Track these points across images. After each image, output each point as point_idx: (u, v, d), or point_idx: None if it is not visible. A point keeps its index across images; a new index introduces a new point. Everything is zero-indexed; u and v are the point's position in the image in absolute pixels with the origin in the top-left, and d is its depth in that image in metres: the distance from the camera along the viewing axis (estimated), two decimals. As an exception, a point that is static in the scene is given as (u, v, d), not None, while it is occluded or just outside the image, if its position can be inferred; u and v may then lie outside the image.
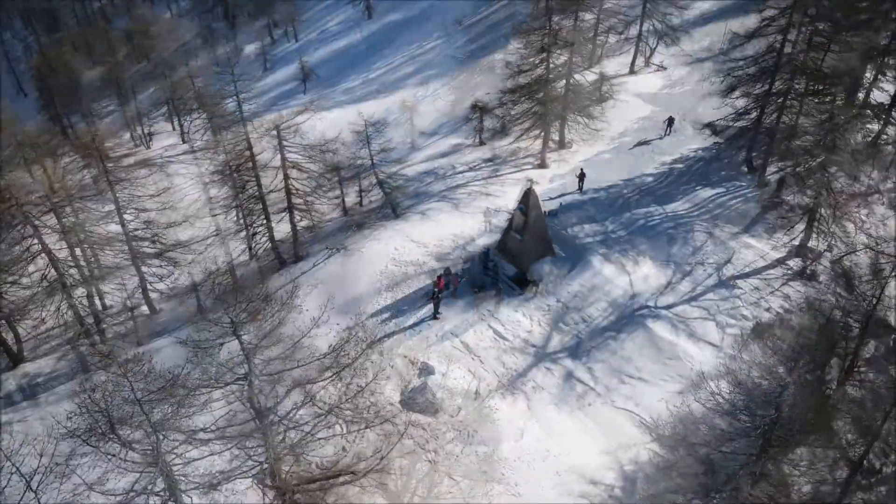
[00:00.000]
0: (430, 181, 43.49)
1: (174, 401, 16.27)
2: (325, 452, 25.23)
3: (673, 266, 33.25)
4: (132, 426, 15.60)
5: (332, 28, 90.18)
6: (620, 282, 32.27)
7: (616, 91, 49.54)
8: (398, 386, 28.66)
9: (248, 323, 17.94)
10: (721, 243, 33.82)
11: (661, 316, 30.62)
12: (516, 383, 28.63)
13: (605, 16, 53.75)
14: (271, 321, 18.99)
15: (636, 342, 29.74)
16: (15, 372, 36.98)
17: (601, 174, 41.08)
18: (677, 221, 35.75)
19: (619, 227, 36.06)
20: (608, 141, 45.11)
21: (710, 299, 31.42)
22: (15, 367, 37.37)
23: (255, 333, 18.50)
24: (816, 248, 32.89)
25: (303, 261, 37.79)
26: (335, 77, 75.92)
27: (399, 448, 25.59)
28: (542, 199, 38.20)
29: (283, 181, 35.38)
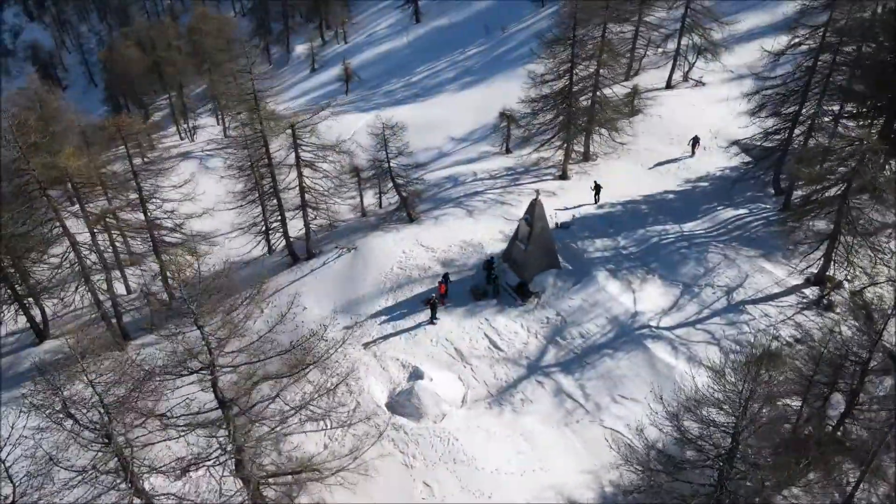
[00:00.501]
0: (449, 187, 43.60)
1: (131, 384, 16.84)
2: (304, 448, 25.64)
3: (681, 286, 32.36)
4: (87, 406, 16.22)
5: (381, 31, 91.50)
6: (624, 299, 31.59)
7: (648, 105, 48.61)
8: (387, 388, 28.82)
9: (209, 314, 18.37)
10: (735, 266, 32.71)
11: (661, 337, 29.82)
12: (505, 395, 28.37)
13: (645, 28, 52.91)
14: (239, 314, 19.37)
15: (633, 362, 29.04)
16: (38, 348, 38.92)
17: (622, 188, 40.33)
18: (692, 241, 34.78)
19: (632, 243, 35.32)
20: (634, 155, 44.25)
21: (716, 323, 30.41)
22: (40, 343, 39.36)
23: (217, 325, 18.95)
24: (836, 277, 31.50)
25: (314, 258, 38.42)
26: (378, 80, 76.99)
27: (377, 450, 25.72)
28: (557, 210, 38.02)
29: (297, 179, 36.05)
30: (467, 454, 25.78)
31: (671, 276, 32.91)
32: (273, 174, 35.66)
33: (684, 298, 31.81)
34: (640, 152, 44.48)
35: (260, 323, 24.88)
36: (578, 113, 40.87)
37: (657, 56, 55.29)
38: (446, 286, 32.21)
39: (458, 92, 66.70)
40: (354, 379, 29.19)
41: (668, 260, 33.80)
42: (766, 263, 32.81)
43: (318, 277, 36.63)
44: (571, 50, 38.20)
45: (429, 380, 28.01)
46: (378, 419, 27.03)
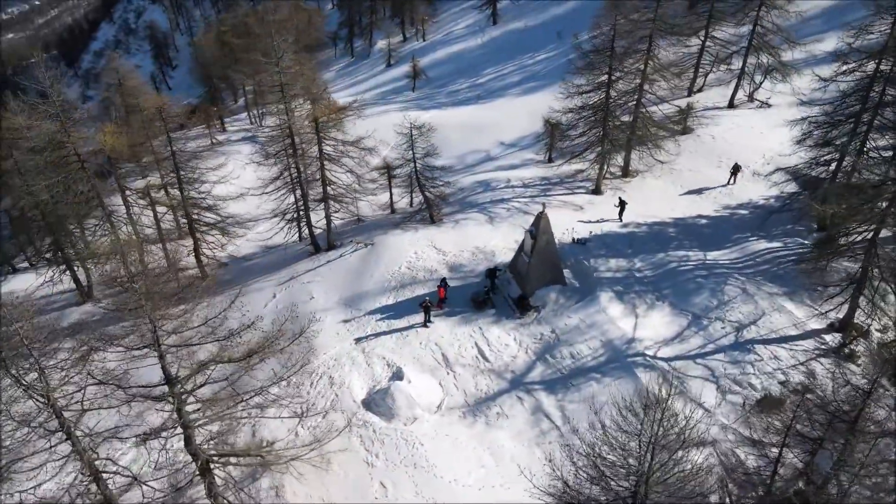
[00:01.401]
0: (479, 191, 43.39)
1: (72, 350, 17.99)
2: (276, 435, 26.45)
3: (690, 317, 30.81)
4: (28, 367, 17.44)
5: (458, 31, 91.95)
6: (623, 324, 30.44)
7: (703, 124, 46.49)
8: (367, 385, 29.14)
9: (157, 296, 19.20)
10: (752, 301, 30.79)
11: (655, 367, 28.52)
12: (482, 406, 28.03)
13: (713, 43, 50.49)
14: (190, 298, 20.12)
15: (619, 389, 27.77)
16: (78, 308, 41.98)
17: (654, 208, 38.86)
18: (713, 270, 33.01)
19: (648, 266, 33.95)
20: (675, 175, 42.40)
21: (719, 360, 28.75)
22: (82, 304, 42.45)
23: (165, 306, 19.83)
24: (863, 325, 29.09)
25: (333, 250, 39.30)
26: (445, 79, 77.48)
27: (341, 444, 26.09)
28: (580, 223, 37.13)
29: (320, 171, 36.93)
30: (429, 461, 25.71)
31: (681, 305, 31.40)
32: (298, 165, 36.71)
33: (690, 330, 30.27)
34: (683, 173, 42.57)
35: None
36: (616, 128, 39.58)
37: (724, 73, 52.58)
38: (445, 290, 32.14)
39: (519, 96, 66.14)
40: (338, 372, 29.80)
41: (681, 288, 32.26)
42: (788, 303, 30.67)
43: (332, 269, 37.48)
44: (609, 62, 37.03)
45: (407, 382, 28.09)
46: (351, 414, 27.37)
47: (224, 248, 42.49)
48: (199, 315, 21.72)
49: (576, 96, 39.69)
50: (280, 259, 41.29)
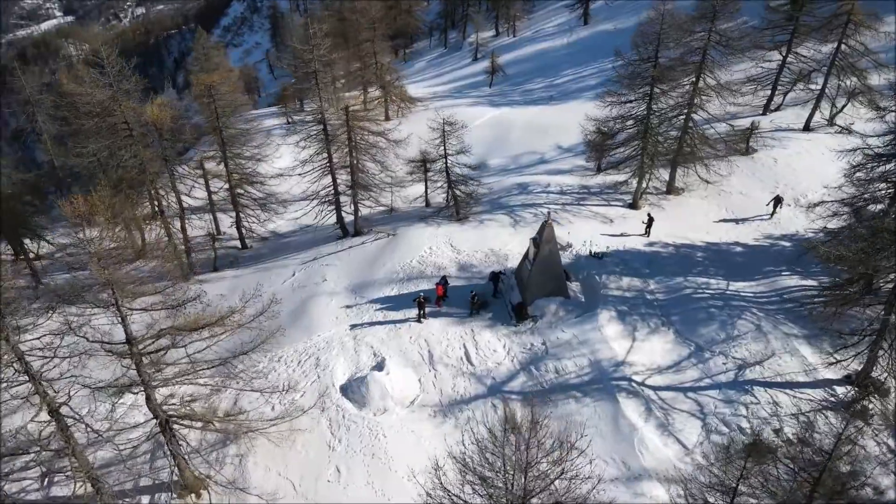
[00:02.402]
0: (514, 193, 42.83)
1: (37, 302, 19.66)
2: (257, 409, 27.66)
3: (693, 347, 29.23)
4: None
5: (548, 29, 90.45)
6: (617, 346, 29.30)
7: (769, 145, 43.57)
8: (349, 371, 29.78)
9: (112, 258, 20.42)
10: (763, 340, 28.77)
11: (639, 395, 27.33)
12: (454, 408, 27.96)
13: (794, 59, 47.06)
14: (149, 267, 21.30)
15: (597, 412, 27.02)
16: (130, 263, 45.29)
17: (688, 229, 36.98)
18: (730, 302, 31.09)
19: (662, 289, 32.43)
20: (723, 198, 39.99)
21: (711, 396, 27.15)
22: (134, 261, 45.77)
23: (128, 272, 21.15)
24: (882, 381, 26.54)
25: (359, 236, 40.21)
26: (523, 77, 76.57)
27: (308, 423, 26.94)
28: (603, 238, 36.04)
29: (349, 158, 37.76)
30: (388, 453, 26.03)
31: (686, 334, 29.84)
32: (329, 151, 37.75)
33: (689, 361, 28.74)
34: (732, 195, 40.09)
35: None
36: (658, 142, 37.85)
37: (804, 93, 48.83)
38: (445, 288, 32.20)
39: (592, 100, 64.12)
40: (326, 355, 30.65)
41: (691, 316, 30.62)
42: (804, 346, 28.41)
43: (351, 255, 38.42)
44: (653, 71, 35.44)
45: (385, 373, 28.48)
46: (325, 397, 28.15)
47: (264, 225, 44.43)
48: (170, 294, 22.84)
49: (616, 106, 38.18)
50: (311, 240, 42.74)
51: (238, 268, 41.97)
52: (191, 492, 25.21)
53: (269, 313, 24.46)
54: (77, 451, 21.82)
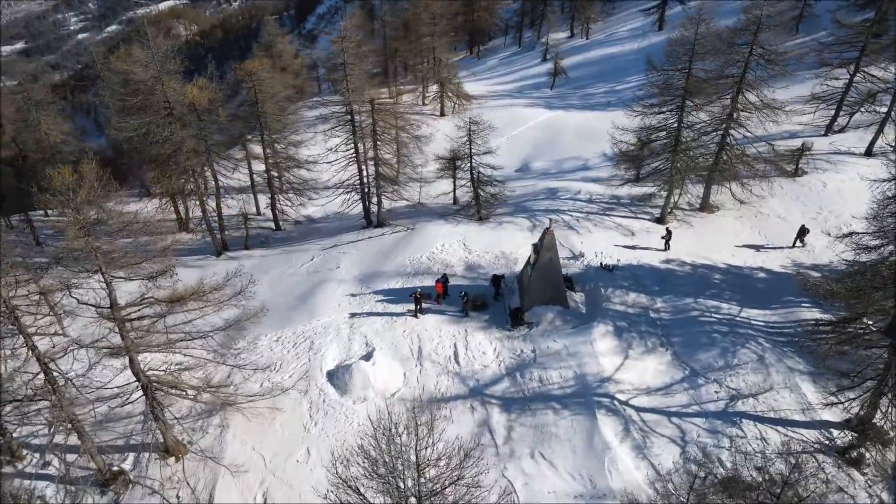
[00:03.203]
0: (541, 198, 42.35)
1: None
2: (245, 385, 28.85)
3: (688, 371, 28.15)
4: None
5: (621, 34, 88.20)
6: (606, 361, 28.58)
7: (822, 169, 41.12)
8: (339, 357, 30.46)
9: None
10: (763, 372, 27.37)
11: (620, 414, 26.60)
12: (432, 405, 28.03)
13: (863, 78, 44.08)
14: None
15: (573, 425, 26.50)
16: (174, 235, 47.93)
17: (712, 249, 35.47)
18: (737, 328, 29.70)
19: (669, 308, 31.33)
20: (759, 221, 38.05)
21: (696, 425, 26.08)
22: (178, 233, 48.43)
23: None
24: (883, 429, 24.74)
25: (380, 227, 40.89)
26: (585, 80, 75.12)
27: (290, 404, 27.83)
28: (620, 250, 35.21)
29: (373, 149, 38.37)
30: (355, 444, 26.49)
31: (684, 357, 28.75)
32: (356, 143, 38.54)
33: (680, 385, 27.70)
34: (770, 218, 38.10)
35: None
36: (689, 157, 36.45)
37: (870, 115, 45.61)
38: (445, 286, 32.35)
39: (649, 109, 62.48)
40: (321, 340, 31.50)
41: (693, 339, 29.46)
42: (806, 383, 26.81)
43: (368, 245, 39.17)
44: (685, 82, 34.19)
45: (371, 364, 28.96)
46: (307, 379, 28.99)
47: (298, 209, 45.89)
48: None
49: (647, 116, 37.01)
50: (338, 227, 43.84)
51: (266, 248, 43.60)
52: (171, 455, 26.59)
53: (246, 293, 25.32)
54: (64, 404, 23.47)
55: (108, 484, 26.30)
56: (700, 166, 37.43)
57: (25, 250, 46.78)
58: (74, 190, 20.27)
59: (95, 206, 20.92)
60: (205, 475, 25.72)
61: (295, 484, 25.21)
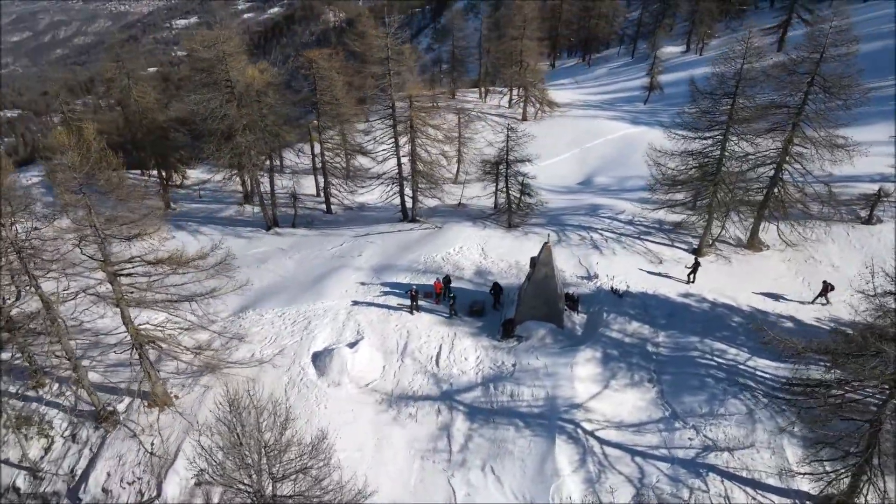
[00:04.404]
0: (580, 213, 41.13)
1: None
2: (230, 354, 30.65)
3: (668, 412, 26.60)
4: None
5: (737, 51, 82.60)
6: (582, 387, 27.55)
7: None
8: (328, 341, 31.47)
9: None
10: (749, 427, 25.35)
11: (580, 442, 25.64)
12: (401, 402, 28.44)
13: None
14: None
15: (530, 446, 25.88)
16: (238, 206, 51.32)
17: (739, 289, 33.03)
18: (736, 377, 27.62)
19: (670, 344, 29.65)
20: (809, 267, 34.85)
21: (659, 469, 24.66)
22: (241, 205, 51.70)
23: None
24: (865, 513, 22.22)
25: (411, 223, 41.54)
26: (683, 98, 71.10)
27: (271, 379, 29.22)
28: (640, 275, 33.78)
29: (410, 144, 38.93)
30: (319, 423, 27.33)
31: (669, 397, 27.18)
32: (396, 138, 39.34)
33: (655, 425, 26.24)
34: (820, 266, 34.85)
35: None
36: (732, 189, 34.10)
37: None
38: (443, 287, 32.47)
39: (740, 134, 58.53)
40: (317, 322, 32.69)
41: (683, 380, 27.75)
42: (793, 447, 24.53)
43: (395, 238, 39.96)
44: (730, 109, 32.03)
45: (353, 351, 29.74)
46: (298, 360, 30.23)
47: (348, 195, 47.54)
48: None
49: (687, 140, 34.95)
50: (377, 217, 45.04)
51: (309, 228, 45.62)
52: (157, 406, 28.82)
53: (223, 266, 26.84)
54: (63, 338, 26.18)
55: (101, 421, 29.01)
56: (745, 200, 34.88)
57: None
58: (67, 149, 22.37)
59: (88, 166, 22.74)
60: (178, 429, 27.66)
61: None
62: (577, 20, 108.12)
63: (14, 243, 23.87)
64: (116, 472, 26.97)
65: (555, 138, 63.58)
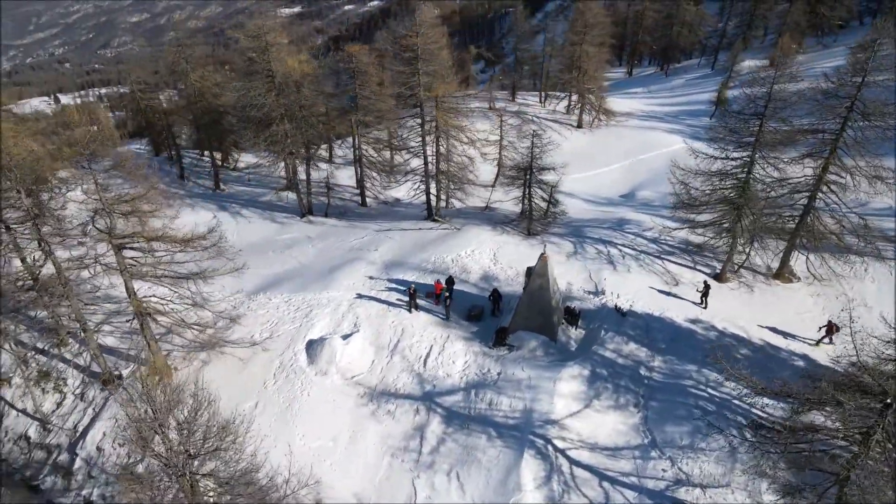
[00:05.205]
0: (604, 226, 39.98)
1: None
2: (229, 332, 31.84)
3: (647, 439, 25.70)
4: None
5: (825, 67, 77.72)
6: (561, 404, 26.92)
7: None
8: (324, 330, 32.10)
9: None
10: (728, 466, 24.16)
11: (548, 459, 25.13)
12: (381, 398, 28.73)
13: None
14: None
15: (498, 457, 25.62)
16: (282, 192, 52.93)
17: (754, 321, 31.34)
18: (725, 412, 26.30)
19: (665, 370, 28.53)
20: (841, 303, 32.60)
21: (625, 496, 23.91)
22: (284, 190, 53.30)
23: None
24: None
25: (432, 222, 41.70)
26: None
27: (263, 359, 30.19)
28: (650, 294, 32.71)
29: (435, 143, 39.00)
30: (299, 410, 28.11)
31: (650, 424, 26.23)
32: (423, 136, 39.54)
33: (631, 451, 25.40)
34: (851, 304, 32.48)
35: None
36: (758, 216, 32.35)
37: None
38: (447, 288, 32.48)
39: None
40: (319, 311, 33.44)
41: (669, 409, 26.67)
42: (771, 494, 23.13)
43: (415, 235, 40.24)
44: (758, 132, 30.41)
45: (344, 343, 30.26)
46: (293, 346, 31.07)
47: (382, 189, 48.23)
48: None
49: (713, 160, 33.34)
50: (405, 214, 45.47)
51: (341, 219, 46.62)
52: (157, 375, 30.30)
53: (216, 249, 27.87)
54: (73, 301, 28.02)
55: (107, 383, 30.86)
56: (772, 227, 33.03)
57: (168, 182, 55.00)
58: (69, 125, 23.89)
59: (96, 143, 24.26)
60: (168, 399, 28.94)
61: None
62: (660, 27, 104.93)
63: (29, 210, 25.76)
64: (111, 433, 28.61)
65: (607, 148, 62.18)
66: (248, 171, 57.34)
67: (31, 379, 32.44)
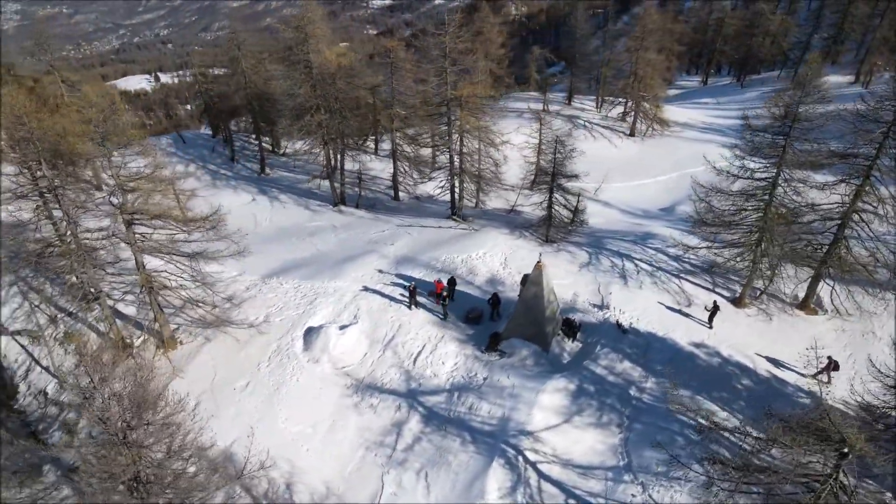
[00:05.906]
0: (626, 238, 38.82)
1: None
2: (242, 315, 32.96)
3: (623, 462, 24.96)
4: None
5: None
6: (539, 416, 26.44)
7: None
8: (325, 318, 32.71)
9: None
10: (699, 500, 23.14)
11: (517, 470, 24.78)
12: (366, 391, 29.04)
13: None
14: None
15: (469, 462, 25.46)
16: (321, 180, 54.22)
17: (763, 350, 29.82)
18: (710, 443, 25.13)
19: (655, 392, 27.59)
20: (866, 341, 30.63)
21: (588, 516, 23.35)
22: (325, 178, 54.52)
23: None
24: None
25: (451, 220, 41.69)
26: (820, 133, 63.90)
27: (261, 345, 31.11)
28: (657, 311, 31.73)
29: (459, 143, 38.87)
30: (287, 395, 28.78)
31: (629, 447, 25.45)
32: (449, 134, 39.51)
33: (603, 472, 24.73)
34: (879, 343, 30.49)
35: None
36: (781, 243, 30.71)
37: None
38: (449, 288, 32.46)
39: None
40: (323, 300, 34.10)
41: (652, 434, 25.71)
42: (743, 529, 22.10)
43: (432, 232, 40.37)
44: (781, 156, 28.84)
45: (341, 333, 30.77)
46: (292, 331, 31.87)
47: (414, 183, 48.58)
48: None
49: (734, 179, 31.76)
50: (433, 210, 45.62)
51: (370, 211, 47.30)
52: (164, 347, 31.82)
53: (217, 232, 28.83)
54: (88, 268, 29.73)
55: (119, 350, 32.54)
56: (795, 255, 31.25)
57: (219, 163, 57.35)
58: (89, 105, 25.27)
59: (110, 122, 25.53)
60: (167, 371, 30.38)
61: (221, 406, 28.48)
62: (740, 36, 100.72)
63: (51, 182, 27.49)
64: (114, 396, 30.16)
65: (657, 158, 60.31)
66: (294, 158, 58.91)
67: (57, 339, 34.64)
